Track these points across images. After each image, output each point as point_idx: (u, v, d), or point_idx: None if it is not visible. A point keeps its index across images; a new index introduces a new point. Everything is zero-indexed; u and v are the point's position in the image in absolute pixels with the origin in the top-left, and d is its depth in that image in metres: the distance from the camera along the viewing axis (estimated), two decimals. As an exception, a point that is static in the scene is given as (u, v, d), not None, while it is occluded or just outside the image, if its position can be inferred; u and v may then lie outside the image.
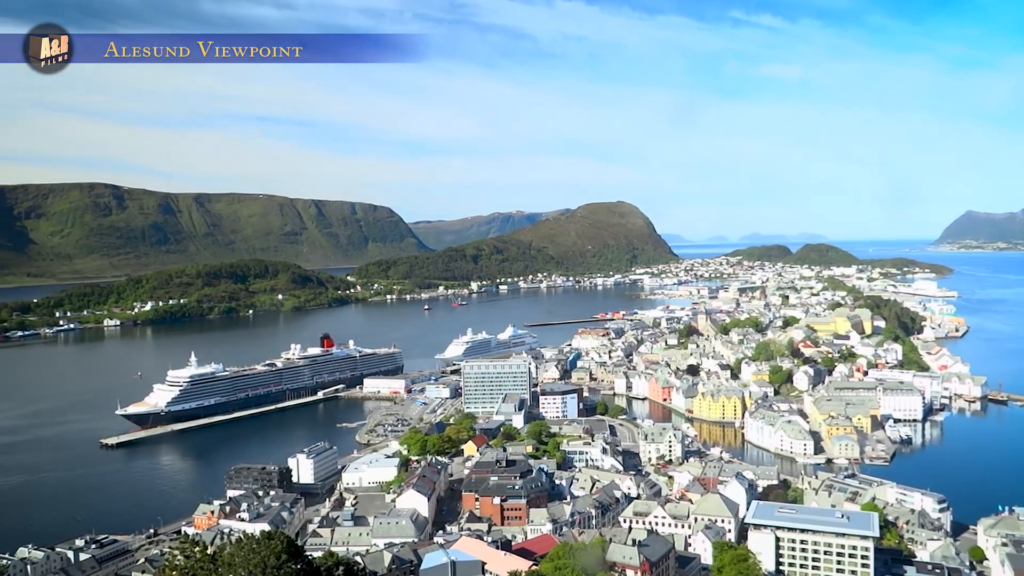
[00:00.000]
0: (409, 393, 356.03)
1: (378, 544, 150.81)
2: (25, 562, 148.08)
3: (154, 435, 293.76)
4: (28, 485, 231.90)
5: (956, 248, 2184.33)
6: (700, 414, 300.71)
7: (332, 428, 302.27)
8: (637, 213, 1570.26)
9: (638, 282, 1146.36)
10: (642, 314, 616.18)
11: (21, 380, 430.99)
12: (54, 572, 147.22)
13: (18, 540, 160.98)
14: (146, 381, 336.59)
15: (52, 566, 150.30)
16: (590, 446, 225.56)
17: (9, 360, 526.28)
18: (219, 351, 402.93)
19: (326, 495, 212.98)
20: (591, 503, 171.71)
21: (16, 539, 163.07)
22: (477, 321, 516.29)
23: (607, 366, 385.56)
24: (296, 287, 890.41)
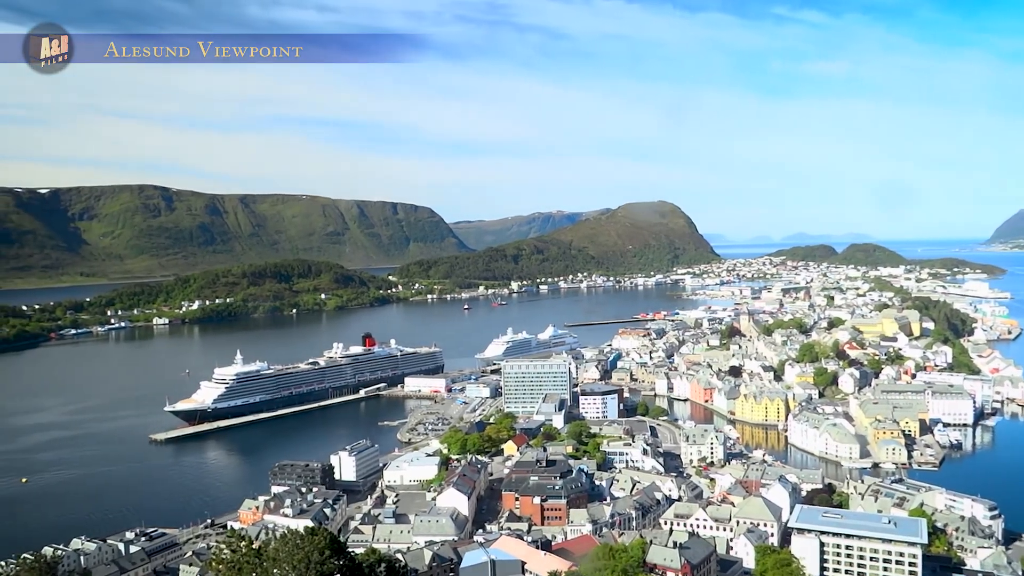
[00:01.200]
0: (449, 392, 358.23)
1: (419, 542, 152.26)
2: (78, 553, 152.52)
3: (201, 431, 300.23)
4: (81, 478, 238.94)
5: (1009, 248, 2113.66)
6: (742, 416, 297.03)
7: (373, 426, 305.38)
8: (678, 213, 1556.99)
9: (679, 282, 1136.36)
10: (683, 314, 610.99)
11: (75, 377, 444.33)
12: (105, 563, 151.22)
13: (72, 532, 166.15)
14: (194, 378, 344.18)
15: (104, 557, 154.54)
16: (631, 447, 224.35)
17: (63, 357, 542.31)
18: (264, 349, 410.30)
19: (368, 492, 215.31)
20: (631, 504, 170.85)
21: (70, 531, 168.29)
22: (517, 321, 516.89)
23: (648, 367, 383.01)
24: (338, 287, 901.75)
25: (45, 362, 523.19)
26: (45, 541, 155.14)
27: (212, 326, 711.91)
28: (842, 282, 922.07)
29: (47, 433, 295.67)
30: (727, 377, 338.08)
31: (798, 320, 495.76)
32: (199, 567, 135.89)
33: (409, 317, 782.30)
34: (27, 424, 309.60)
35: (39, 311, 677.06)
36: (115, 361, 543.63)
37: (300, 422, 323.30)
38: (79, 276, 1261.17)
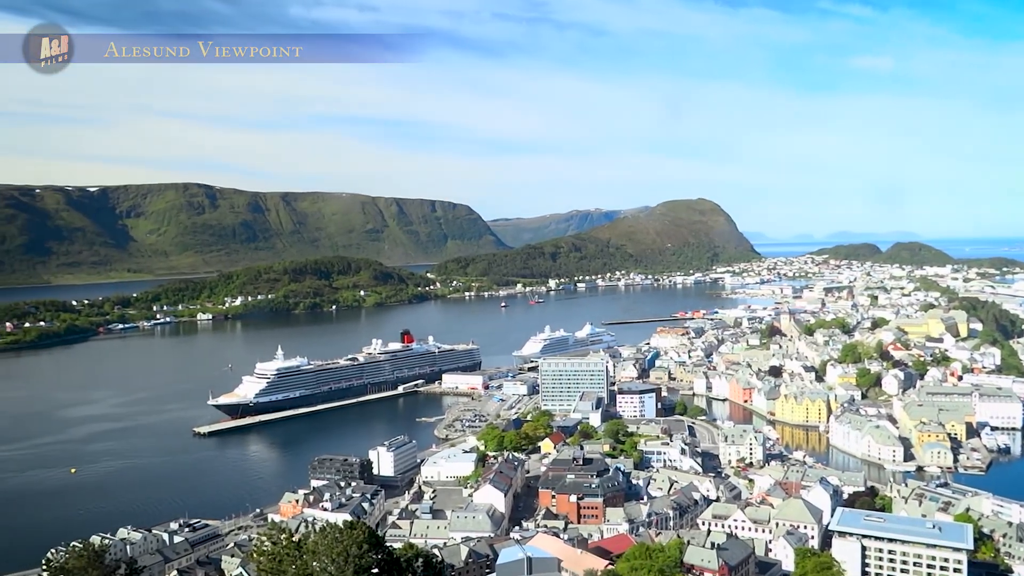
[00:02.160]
0: (487, 389, 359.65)
1: (455, 537, 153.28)
2: (125, 542, 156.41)
3: (243, 425, 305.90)
4: (128, 469, 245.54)
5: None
6: (782, 416, 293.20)
7: (411, 422, 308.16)
8: (718, 210, 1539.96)
9: (719, 281, 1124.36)
10: (723, 313, 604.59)
11: (122, 370, 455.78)
12: (151, 552, 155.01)
13: (119, 521, 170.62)
14: (236, 373, 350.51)
15: (149, 547, 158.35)
16: (668, 446, 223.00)
17: (111, 351, 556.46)
18: (304, 345, 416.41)
19: (405, 488, 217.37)
20: (669, 504, 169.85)
21: (117, 520, 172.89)
22: (555, 318, 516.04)
23: (686, 366, 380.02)
24: (377, 283, 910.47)
25: (94, 356, 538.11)
26: (93, 530, 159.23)
27: (254, 322, 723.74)
28: (886, 281, 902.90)
29: (96, 425, 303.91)
30: (767, 377, 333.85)
31: (840, 320, 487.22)
32: (240, 558, 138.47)
33: (447, 314, 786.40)
34: (77, 416, 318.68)
35: (88, 306, 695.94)
36: (160, 355, 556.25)
37: (339, 417, 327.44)
38: (126, 272, 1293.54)
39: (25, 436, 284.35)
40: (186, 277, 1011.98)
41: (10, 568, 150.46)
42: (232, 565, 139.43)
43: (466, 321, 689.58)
